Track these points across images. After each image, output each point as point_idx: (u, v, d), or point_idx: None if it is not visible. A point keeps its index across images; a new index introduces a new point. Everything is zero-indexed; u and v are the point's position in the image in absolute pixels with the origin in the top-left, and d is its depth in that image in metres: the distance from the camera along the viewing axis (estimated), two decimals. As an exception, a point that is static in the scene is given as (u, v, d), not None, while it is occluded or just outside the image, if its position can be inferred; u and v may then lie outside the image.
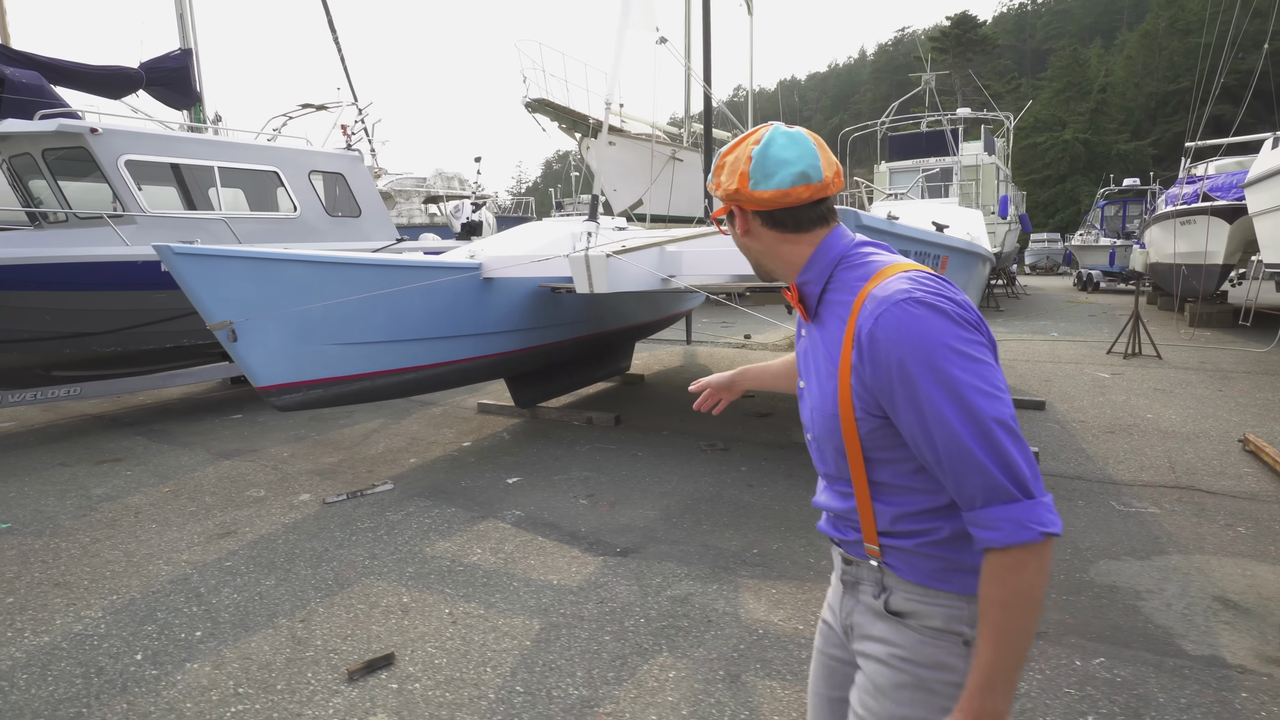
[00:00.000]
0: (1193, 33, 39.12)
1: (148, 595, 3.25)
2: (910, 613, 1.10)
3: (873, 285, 1.06)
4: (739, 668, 2.62)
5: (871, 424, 1.06)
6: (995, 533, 0.95)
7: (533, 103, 12.30)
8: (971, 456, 0.95)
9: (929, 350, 0.97)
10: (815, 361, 1.16)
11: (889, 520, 1.10)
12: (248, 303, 3.88)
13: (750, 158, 1.12)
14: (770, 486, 4.54)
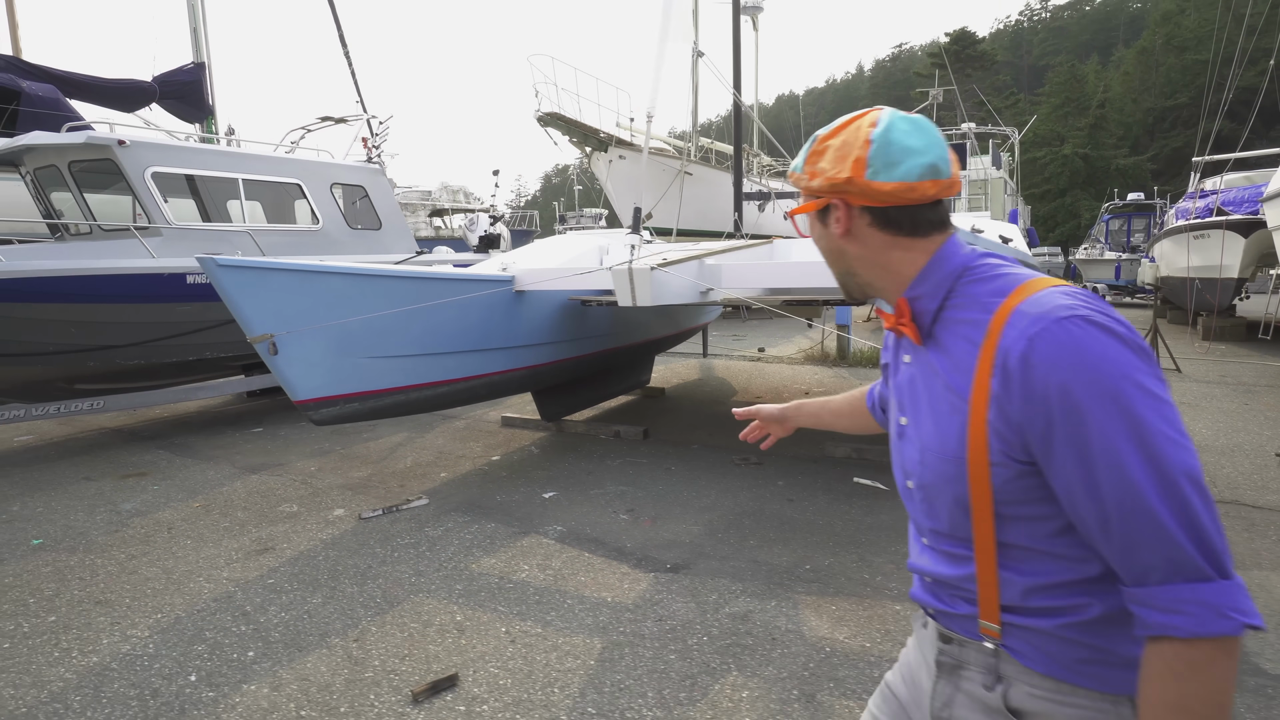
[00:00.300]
0: (1189, 50, 39.65)
1: (193, 614, 3.17)
2: (1037, 713, 0.89)
3: (1018, 300, 0.86)
4: (812, 687, 2.56)
5: (1011, 471, 0.86)
6: (1178, 618, 0.75)
7: (545, 116, 12.35)
8: (1154, 519, 0.75)
9: (1105, 380, 0.77)
10: (928, 393, 0.97)
11: (1020, 593, 0.89)
12: (289, 315, 3.83)
13: (869, 141, 0.93)
14: (810, 501, 4.48)
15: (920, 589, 1.04)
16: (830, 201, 0.99)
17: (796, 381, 8.86)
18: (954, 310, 0.95)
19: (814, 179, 0.99)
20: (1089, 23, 59.92)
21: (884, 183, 0.93)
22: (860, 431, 1.48)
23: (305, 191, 6.68)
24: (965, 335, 0.91)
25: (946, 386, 0.93)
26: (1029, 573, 0.88)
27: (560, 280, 5.13)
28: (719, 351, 11.47)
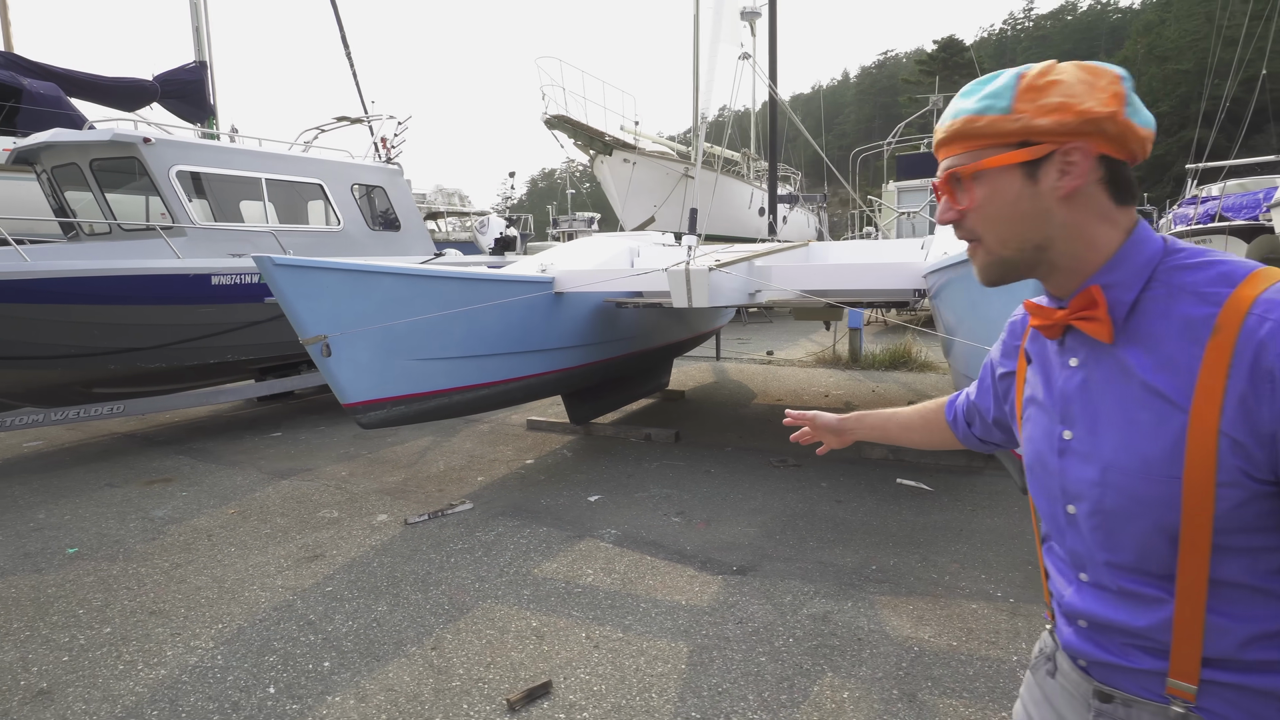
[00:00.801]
0: (1169, 60, 40.49)
1: (255, 624, 3.08)
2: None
3: (1258, 287, 0.73)
4: (911, 686, 2.52)
5: (1245, 493, 0.72)
6: None
7: (552, 119, 12.29)
8: None
9: None
10: (1117, 399, 0.81)
11: (1235, 644, 0.75)
12: (343, 316, 3.75)
13: (1120, 77, 0.79)
14: (859, 502, 4.45)
15: (1075, 636, 0.87)
16: (1058, 148, 0.79)
17: (813, 384, 8.86)
18: (1158, 302, 0.79)
19: (1042, 116, 0.78)
20: (1071, 32, 61.02)
21: (1140, 127, 0.79)
22: (932, 447, 1.32)
23: (326, 192, 6.57)
24: (1182, 331, 0.76)
25: (1150, 390, 0.78)
26: (1246, 618, 0.74)
27: (599, 282, 5.08)
28: (728, 355, 11.45)
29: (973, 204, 0.85)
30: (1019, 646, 2.76)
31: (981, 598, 3.17)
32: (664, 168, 14.84)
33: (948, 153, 0.87)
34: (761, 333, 14.95)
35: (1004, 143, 0.82)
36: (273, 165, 6.19)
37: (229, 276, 5.43)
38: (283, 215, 6.29)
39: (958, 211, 0.87)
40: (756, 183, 18.56)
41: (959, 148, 0.85)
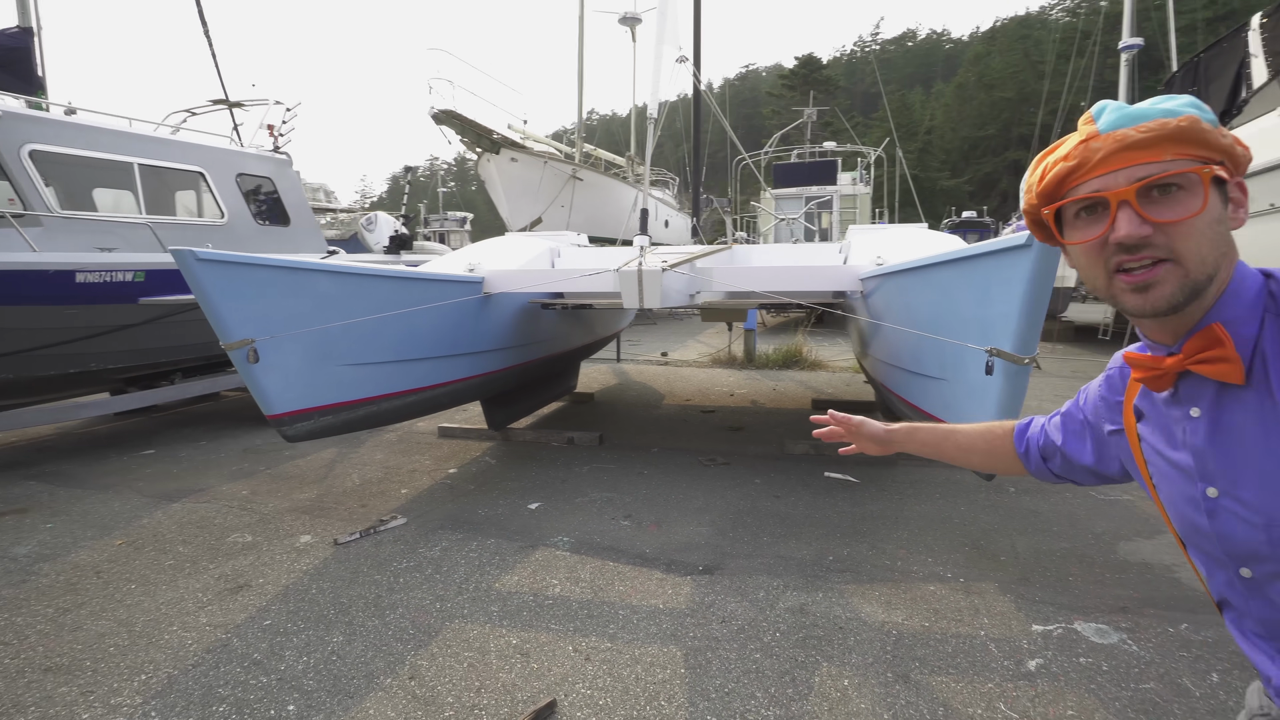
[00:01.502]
0: (995, 88, 45.52)
1: (187, 670, 2.69)
2: None
3: None
4: (902, 668, 2.63)
5: None
6: None
7: (440, 114, 11.79)
8: None
9: None
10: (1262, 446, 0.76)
11: None
12: (272, 318, 3.37)
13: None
14: (795, 497, 4.61)
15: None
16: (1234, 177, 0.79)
17: (716, 383, 9.08)
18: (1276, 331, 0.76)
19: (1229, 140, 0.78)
20: (912, 57, 66.93)
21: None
22: (989, 470, 1.29)
23: (208, 181, 5.87)
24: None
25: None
26: None
27: (525, 282, 4.92)
28: (624, 356, 11.49)
29: (1191, 216, 0.76)
30: (983, 622, 2.96)
31: (935, 580, 3.37)
32: (552, 168, 14.67)
33: (1148, 156, 0.77)
34: (649, 334, 15.16)
35: (1212, 156, 0.77)
36: (147, 149, 5.44)
37: (97, 274, 4.70)
38: (152, 205, 5.55)
39: (1157, 223, 0.76)
40: (640, 186, 18.79)
41: (1171, 152, 0.76)
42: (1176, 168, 0.76)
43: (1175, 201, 0.76)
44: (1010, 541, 3.80)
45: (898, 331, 3.78)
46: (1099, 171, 0.78)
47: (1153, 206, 0.76)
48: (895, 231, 5.68)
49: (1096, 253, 0.81)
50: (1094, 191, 0.79)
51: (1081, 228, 0.82)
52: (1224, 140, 0.78)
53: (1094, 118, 0.81)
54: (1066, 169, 0.81)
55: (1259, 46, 7.01)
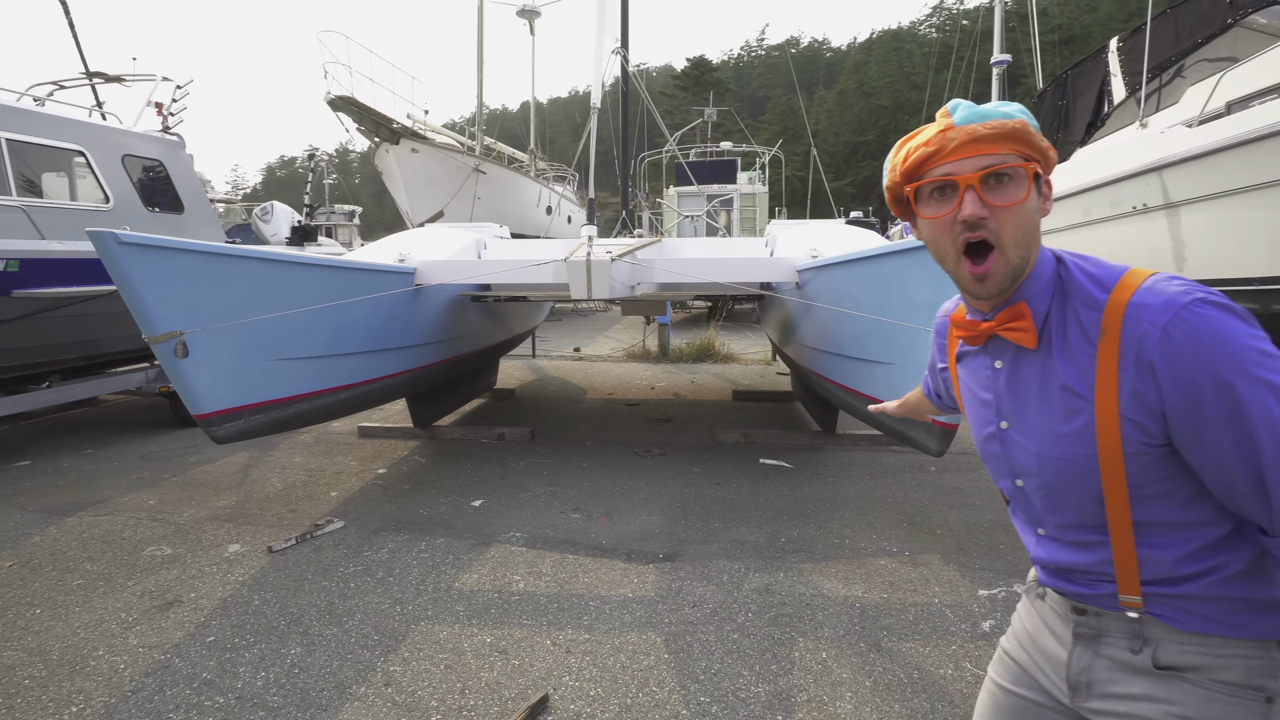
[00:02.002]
0: (873, 95, 48.37)
1: (127, 697, 2.43)
2: (1192, 666, 0.90)
3: (1128, 292, 0.87)
4: (873, 638, 2.78)
5: (1148, 457, 0.88)
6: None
7: (337, 100, 11.13)
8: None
9: (1242, 357, 0.81)
10: (1039, 397, 0.96)
11: (1168, 564, 0.90)
12: (201, 309, 3.09)
13: None
14: (736, 484, 4.73)
15: (1045, 575, 1.04)
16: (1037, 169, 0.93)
17: (635, 377, 9.15)
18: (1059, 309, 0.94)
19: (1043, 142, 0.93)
20: (796, 63, 69.77)
21: None
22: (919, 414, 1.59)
23: (90, 161, 5.25)
24: (1078, 334, 0.91)
25: (1064, 389, 0.92)
26: (1169, 546, 0.90)
27: (461, 273, 4.77)
28: (538, 352, 11.36)
29: (1013, 203, 0.90)
30: (933, 590, 3.17)
31: (884, 555, 3.57)
32: (454, 160, 14.22)
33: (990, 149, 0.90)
34: (557, 330, 15.06)
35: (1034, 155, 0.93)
36: (16, 122, 4.79)
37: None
38: (20, 187, 4.91)
39: (995, 206, 0.91)
40: (544, 182, 18.56)
41: (1009, 147, 0.90)
42: (1011, 161, 0.91)
43: (1006, 189, 0.91)
44: (942, 516, 4.08)
45: (838, 319, 3.96)
46: (952, 158, 0.92)
47: (990, 192, 0.91)
48: (816, 226, 5.94)
49: (946, 228, 0.94)
50: (946, 174, 0.92)
51: (934, 205, 0.95)
52: (1043, 144, 0.94)
53: (950, 112, 0.95)
54: (926, 153, 0.94)
55: (1117, 67, 7.85)
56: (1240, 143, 5.56)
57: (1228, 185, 5.76)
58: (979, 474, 4.84)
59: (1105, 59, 8.10)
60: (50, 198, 5.10)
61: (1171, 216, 6.39)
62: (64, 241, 5.01)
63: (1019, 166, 0.91)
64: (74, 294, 5.05)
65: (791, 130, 44.74)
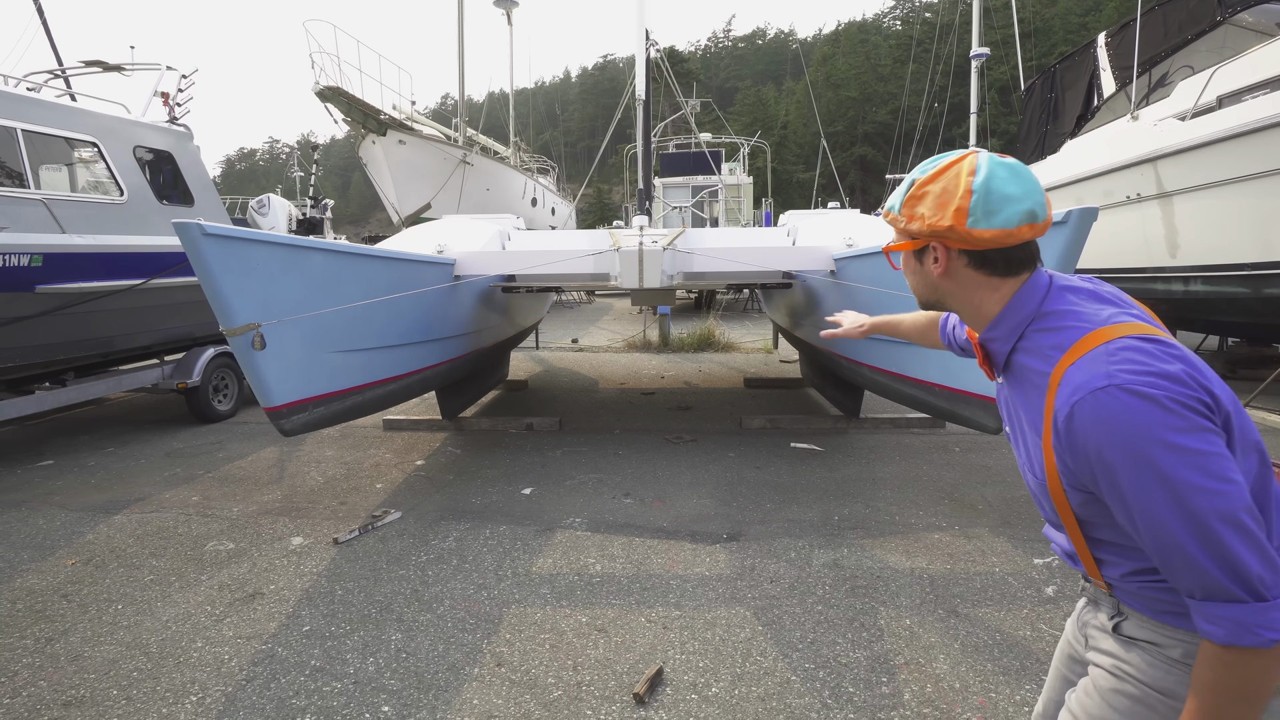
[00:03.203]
0: (841, 87, 48.96)
1: (242, 686, 2.45)
2: (1148, 640, 1.04)
3: (1070, 360, 0.96)
4: (949, 605, 2.92)
5: (1082, 498, 1.00)
6: (1215, 628, 0.88)
7: (325, 90, 10.94)
8: (1188, 556, 0.87)
9: (1135, 447, 0.87)
10: (1021, 421, 1.09)
11: (1116, 573, 1.05)
12: (274, 301, 3.08)
13: (971, 191, 1.01)
14: (773, 466, 4.86)
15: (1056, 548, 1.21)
16: (929, 244, 1.07)
17: (640, 367, 9.23)
18: (1024, 355, 1.05)
19: (912, 222, 1.07)
20: (763, 54, 70.33)
21: (984, 230, 1.00)
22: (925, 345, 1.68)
23: (104, 153, 5.12)
24: (1034, 383, 1.03)
25: (1029, 423, 1.06)
26: (1119, 558, 1.04)
27: (494, 265, 4.79)
28: (534, 345, 11.35)
29: (899, 268, 1.17)
30: (991, 561, 3.33)
31: (936, 529, 3.73)
32: (441, 152, 14.08)
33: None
34: (547, 322, 15.03)
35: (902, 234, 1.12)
36: (33, 113, 4.64)
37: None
38: (37, 180, 4.77)
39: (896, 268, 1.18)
40: (528, 174, 18.47)
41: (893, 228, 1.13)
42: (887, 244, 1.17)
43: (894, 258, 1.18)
44: (979, 493, 4.26)
45: (881, 304, 4.09)
46: None
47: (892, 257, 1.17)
48: (839, 216, 6.08)
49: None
50: None
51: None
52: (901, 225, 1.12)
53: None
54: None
55: (1106, 61, 8.15)
56: (1232, 135, 5.84)
57: (1220, 176, 6.05)
58: (1002, 453, 5.04)
59: (1094, 53, 8.39)
60: (62, 190, 4.97)
61: (1165, 206, 6.68)
62: (84, 235, 4.90)
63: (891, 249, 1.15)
64: (96, 289, 4.95)
65: (762, 122, 45.22)
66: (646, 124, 6.20)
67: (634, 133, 22.60)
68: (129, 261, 5.28)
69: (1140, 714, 1.03)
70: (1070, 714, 1.13)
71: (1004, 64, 34.80)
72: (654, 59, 9.38)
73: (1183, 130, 6.35)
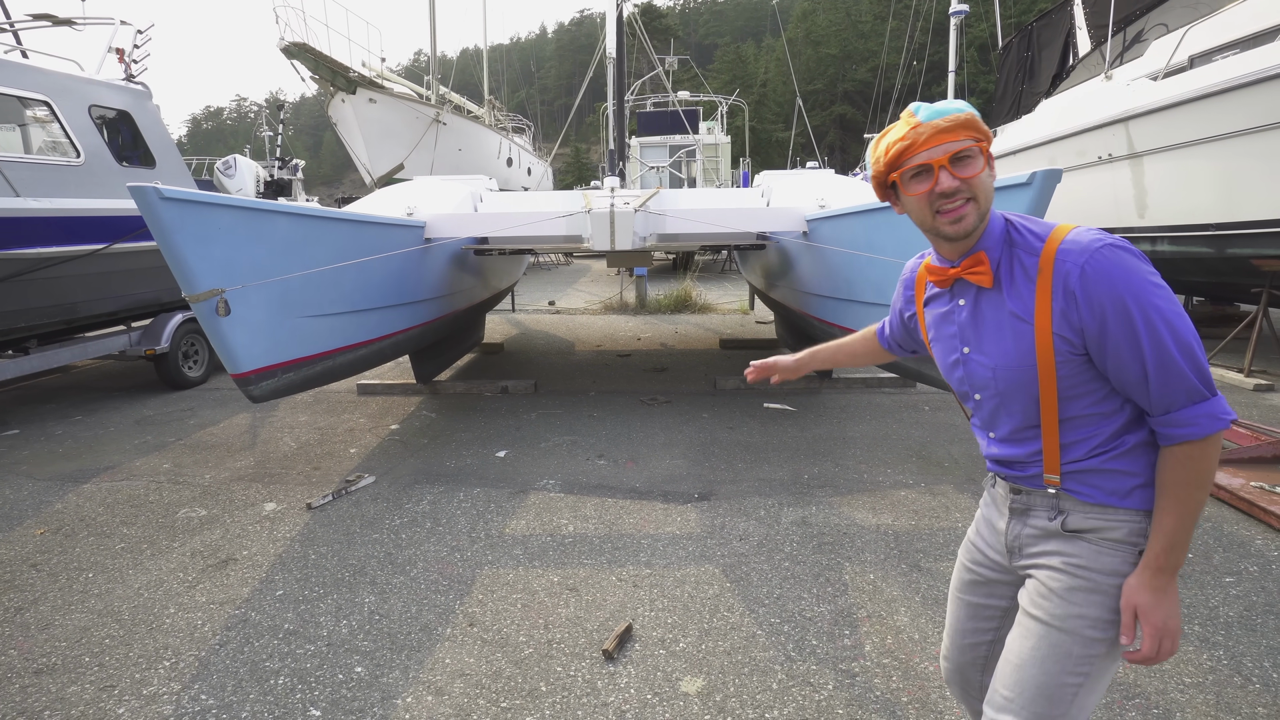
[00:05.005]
0: (821, 44, 48.17)
1: (216, 650, 2.48)
2: (1089, 529, 1.20)
3: (1057, 241, 1.16)
4: (912, 560, 3.01)
5: (1073, 364, 1.16)
6: (1193, 428, 1.10)
7: (291, 47, 10.56)
8: (1179, 369, 1.09)
9: (1139, 287, 1.09)
10: (994, 324, 1.23)
11: (1084, 452, 1.20)
12: (239, 266, 3.02)
13: None
14: (746, 427, 4.92)
15: (995, 467, 1.34)
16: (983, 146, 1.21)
17: (617, 329, 9.23)
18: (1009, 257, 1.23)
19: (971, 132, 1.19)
20: (742, 10, 68.85)
21: None
22: (871, 364, 1.81)
23: (56, 112, 4.92)
24: (1022, 275, 1.20)
25: (1012, 315, 1.20)
26: (1089, 435, 1.20)
27: (464, 227, 4.73)
28: (510, 307, 11.28)
29: (979, 173, 1.19)
30: (955, 516, 3.43)
31: (902, 487, 3.82)
32: (413, 111, 13.74)
33: (952, 137, 1.18)
34: (524, 284, 14.91)
35: (982, 137, 1.21)
36: (-23, 68, 4.43)
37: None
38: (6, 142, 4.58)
39: (962, 180, 1.18)
40: (503, 133, 18.09)
41: (965, 135, 1.18)
42: (969, 143, 1.19)
43: (969, 164, 1.19)
44: (946, 450, 4.36)
45: (850, 265, 4.12)
46: (925, 148, 1.19)
47: (958, 168, 1.19)
48: (812, 177, 6.05)
49: (925, 201, 1.21)
50: (923, 161, 1.20)
51: (915, 185, 1.22)
52: (985, 127, 1.22)
53: (914, 113, 1.21)
54: (903, 146, 1.20)
55: (1082, 19, 8.10)
56: (1200, 96, 5.87)
57: (1187, 137, 6.10)
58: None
59: (1070, 11, 8.33)
60: (15, 152, 4.79)
61: (1135, 166, 6.73)
62: (39, 199, 4.75)
63: (974, 147, 1.19)
64: (55, 254, 4.81)
65: (741, 80, 44.52)
66: (619, 83, 6.09)
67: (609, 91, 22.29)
68: (89, 225, 5.13)
69: (1097, 601, 1.18)
70: (1030, 618, 1.23)
71: (983, 21, 34.47)
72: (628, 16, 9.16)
73: (1154, 90, 6.37)
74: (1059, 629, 1.19)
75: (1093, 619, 1.18)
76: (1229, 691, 2.16)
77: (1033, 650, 1.21)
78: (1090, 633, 1.18)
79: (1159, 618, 1.14)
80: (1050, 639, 1.20)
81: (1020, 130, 8.61)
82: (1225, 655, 2.33)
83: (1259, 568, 2.89)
